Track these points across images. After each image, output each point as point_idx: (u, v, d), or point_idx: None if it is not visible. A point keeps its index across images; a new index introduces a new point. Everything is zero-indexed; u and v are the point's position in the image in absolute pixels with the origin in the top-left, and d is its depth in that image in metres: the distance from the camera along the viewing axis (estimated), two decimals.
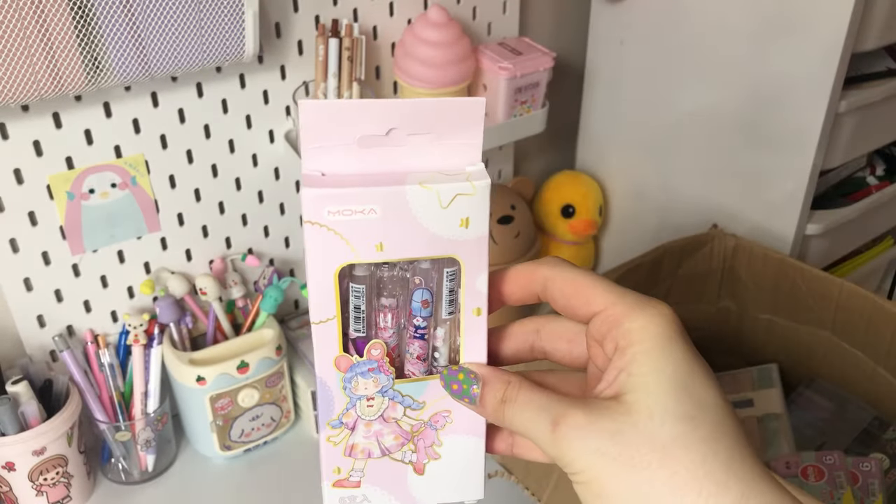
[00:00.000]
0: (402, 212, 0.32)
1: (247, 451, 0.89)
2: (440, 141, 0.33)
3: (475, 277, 0.35)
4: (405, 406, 0.36)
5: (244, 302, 0.90)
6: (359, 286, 0.35)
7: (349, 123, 0.32)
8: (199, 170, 0.84)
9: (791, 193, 0.90)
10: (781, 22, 0.84)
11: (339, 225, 0.32)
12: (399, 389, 0.36)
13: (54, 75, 0.66)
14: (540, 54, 0.92)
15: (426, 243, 0.33)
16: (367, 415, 0.36)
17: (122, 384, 0.82)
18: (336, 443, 0.36)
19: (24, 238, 0.77)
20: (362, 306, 0.35)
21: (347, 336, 0.35)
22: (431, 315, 0.35)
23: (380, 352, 0.35)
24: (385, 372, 0.35)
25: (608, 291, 0.32)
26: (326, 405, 0.35)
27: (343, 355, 0.35)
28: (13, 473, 0.75)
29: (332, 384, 0.35)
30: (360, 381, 0.35)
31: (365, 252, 0.33)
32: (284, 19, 0.82)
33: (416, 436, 0.36)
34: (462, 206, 0.33)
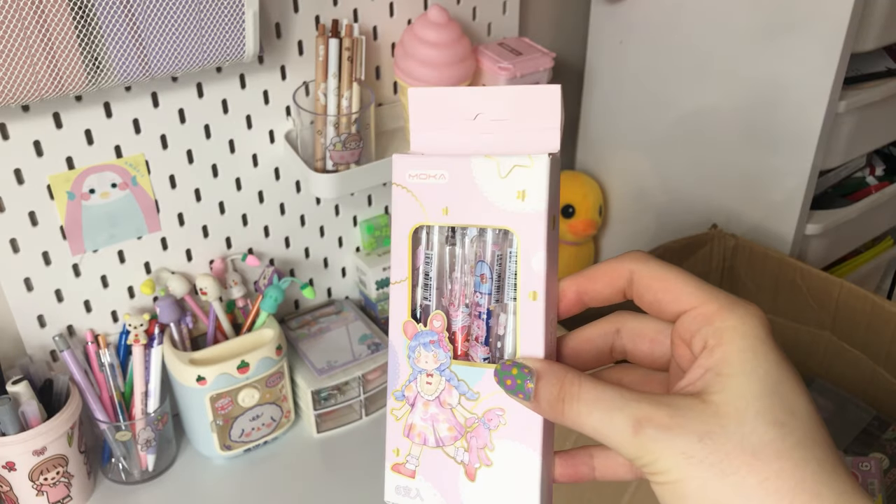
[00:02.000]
0: (465, 178, 0.34)
1: (247, 451, 0.89)
2: (520, 126, 0.35)
3: (531, 256, 0.34)
4: (460, 393, 0.35)
5: (244, 302, 0.90)
6: (430, 252, 0.35)
7: (446, 110, 0.36)
8: (199, 170, 0.84)
9: (791, 193, 0.90)
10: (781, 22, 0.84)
11: (416, 187, 0.35)
12: (455, 371, 0.35)
13: (55, 75, 0.66)
14: (540, 54, 0.92)
15: (484, 211, 0.34)
16: (425, 392, 0.35)
17: (122, 384, 0.82)
18: (398, 417, 0.36)
19: (25, 238, 0.77)
20: (431, 274, 0.36)
21: (420, 306, 0.36)
22: (491, 293, 0.35)
23: (441, 324, 0.35)
24: (444, 347, 0.35)
25: (698, 289, 0.32)
26: (393, 372, 0.36)
27: (410, 321, 0.35)
28: (13, 473, 0.75)
29: (399, 350, 0.36)
30: (422, 352, 0.35)
31: (433, 214, 0.35)
32: (284, 19, 0.82)
33: (469, 431, 0.35)
34: (519, 178, 0.34)
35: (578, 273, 0.35)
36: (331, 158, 0.83)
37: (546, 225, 0.34)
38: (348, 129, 0.82)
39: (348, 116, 0.82)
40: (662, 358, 0.34)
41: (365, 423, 0.93)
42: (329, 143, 0.82)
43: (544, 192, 0.34)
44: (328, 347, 0.93)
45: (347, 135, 0.82)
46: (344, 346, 0.93)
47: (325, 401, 0.90)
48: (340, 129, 0.82)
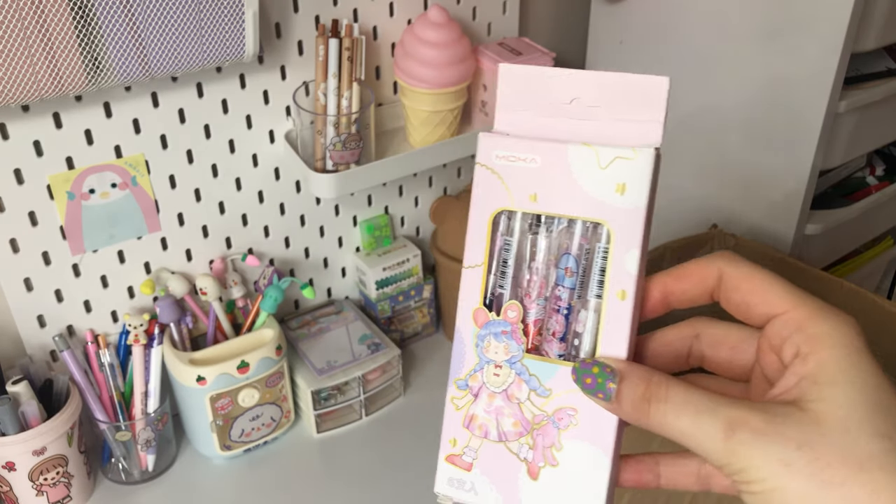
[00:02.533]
0: (560, 165, 0.33)
1: (247, 451, 0.89)
2: (620, 116, 0.33)
3: (624, 253, 0.32)
4: (531, 388, 0.33)
5: (244, 302, 0.90)
6: (511, 239, 0.34)
7: (539, 89, 0.34)
8: (199, 170, 0.84)
9: (791, 193, 0.90)
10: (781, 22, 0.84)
11: (502, 169, 0.33)
12: (527, 365, 0.34)
13: (55, 75, 0.66)
14: (540, 54, 0.92)
15: (577, 202, 0.33)
16: (492, 384, 0.34)
17: (122, 384, 0.82)
18: (458, 406, 0.35)
19: (25, 238, 0.77)
20: (510, 261, 0.34)
21: (493, 293, 0.34)
22: (575, 288, 0.33)
23: (516, 315, 0.34)
24: (517, 340, 0.34)
25: (789, 293, 0.30)
26: (458, 360, 0.35)
27: (482, 308, 0.34)
28: (13, 473, 0.75)
29: (466, 337, 0.34)
30: (492, 342, 0.34)
31: (520, 200, 0.33)
32: (284, 19, 0.82)
33: (536, 429, 0.33)
34: (620, 171, 0.32)
35: (665, 272, 0.34)
36: (331, 158, 0.83)
37: (644, 222, 0.32)
38: (348, 129, 0.82)
39: (348, 116, 0.82)
40: (742, 367, 0.33)
41: (365, 423, 0.93)
42: (329, 143, 0.82)
43: (646, 187, 0.32)
44: (328, 347, 0.93)
45: (347, 135, 0.82)
46: (344, 346, 0.93)
47: (324, 401, 0.90)
48: (340, 129, 0.82)
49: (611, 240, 0.32)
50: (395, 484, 0.85)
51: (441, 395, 0.35)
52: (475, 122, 0.95)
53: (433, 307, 1.06)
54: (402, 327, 1.03)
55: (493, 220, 0.34)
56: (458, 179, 1.06)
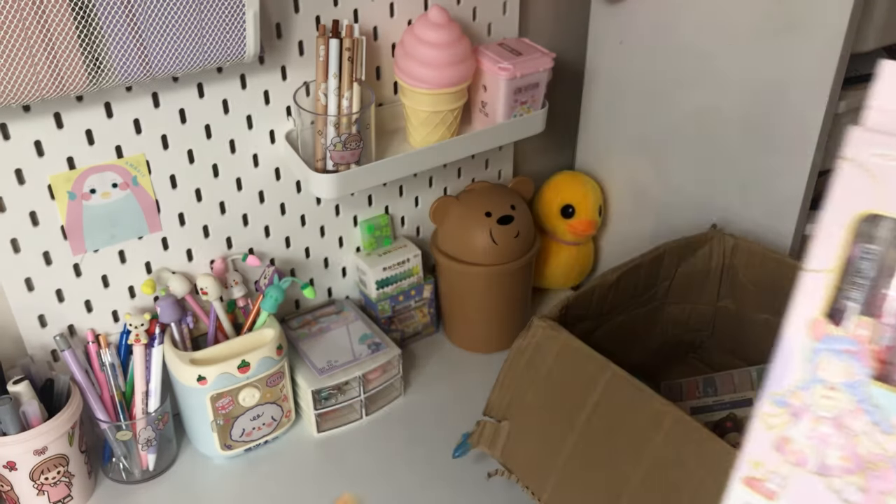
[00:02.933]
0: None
1: (247, 451, 0.89)
2: None
3: None
4: (873, 421, 0.28)
5: (245, 302, 0.90)
6: (874, 248, 0.29)
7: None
8: (200, 170, 0.84)
9: (790, 193, 0.90)
10: (781, 22, 0.84)
11: (879, 169, 0.29)
12: (873, 394, 0.28)
13: (56, 76, 0.66)
14: (540, 55, 0.92)
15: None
16: (820, 408, 0.29)
17: (123, 384, 0.82)
18: (770, 426, 0.30)
19: (26, 238, 0.77)
20: (869, 273, 0.29)
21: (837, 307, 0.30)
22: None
23: (867, 333, 0.29)
24: (865, 362, 0.28)
25: None
26: (779, 372, 0.30)
27: (822, 319, 0.29)
28: (14, 473, 0.75)
29: (796, 349, 0.29)
30: (831, 360, 0.29)
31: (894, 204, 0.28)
32: (285, 20, 0.83)
33: (871, 469, 0.28)
34: None
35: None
36: (331, 158, 0.83)
37: None
38: (349, 130, 0.82)
39: (349, 117, 0.82)
40: None
41: (365, 422, 0.93)
42: (329, 144, 0.82)
43: None
44: (329, 347, 0.93)
45: (348, 135, 0.82)
46: (344, 345, 0.94)
47: (325, 400, 0.90)
48: (341, 130, 0.82)
49: None
50: (396, 483, 0.86)
51: (441, 394, 0.32)
52: (475, 122, 0.95)
53: (433, 307, 1.06)
54: (402, 327, 1.04)
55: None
56: (458, 180, 1.06)
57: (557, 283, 1.15)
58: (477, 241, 0.97)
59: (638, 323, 0.93)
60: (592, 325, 0.86)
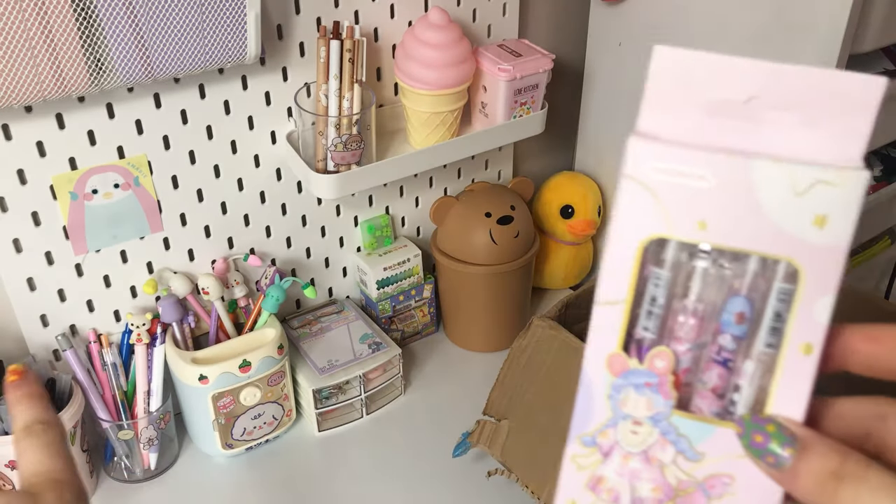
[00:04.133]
0: (740, 187, 0.26)
1: (248, 450, 0.89)
2: (812, 124, 0.27)
3: (815, 300, 0.26)
4: (678, 450, 0.28)
5: (246, 301, 0.90)
6: (662, 272, 0.28)
7: (703, 81, 0.27)
8: (201, 170, 0.85)
9: None
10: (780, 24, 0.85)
11: (661, 186, 0.26)
12: (676, 424, 0.28)
13: (58, 76, 0.66)
14: (539, 56, 0.92)
15: (762, 234, 0.26)
16: (628, 444, 0.28)
17: (124, 383, 0.83)
18: (581, 466, 0.29)
19: (28, 238, 0.77)
20: (660, 300, 0.28)
21: (632, 335, 0.29)
22: (745, 338, 0.28)
23: (665, 364, 0.28)
24: (665, 394, 0.28)
25: None
26: (583, 413, 0.29)
27: (620, 354, 0.28)
28: (17, 472, 0.76)
29: (596, 387, 0.28)
30: (632, 395, 0.28)
31: (682, 227, 0.27)
32: (286, 21, 0.83)
33: (680, 496, 0.28)
34: (821, 199, 0.26)
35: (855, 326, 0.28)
36: (332, 159, 0.84)
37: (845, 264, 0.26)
38: (349, 131, 0.83)
39: (349, 117, 0.82)
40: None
41: (366, 421, 0.94)
42: (330, 144, 0.83)
43: (852, 220, 0.26)
44: (329, 347, 0.93)
45: (348, 136, 0.83)
46: (345, 345, 0.94)
47: (326, 400, 0.90)
48: (341, 131, 0.83)
49: (799, 282, 0.26)
50: (396, 482, 0.86)
51: (441, 393, 0.32)
52: (475, 123, 0.96)
53: (433, 307, 1.06)
54: (402, 326, 1.04)
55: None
56: (458, 180, 1.06)
57: (557, 283, 1.15)
58: (477, 241, 0.97)
59: None
60: None
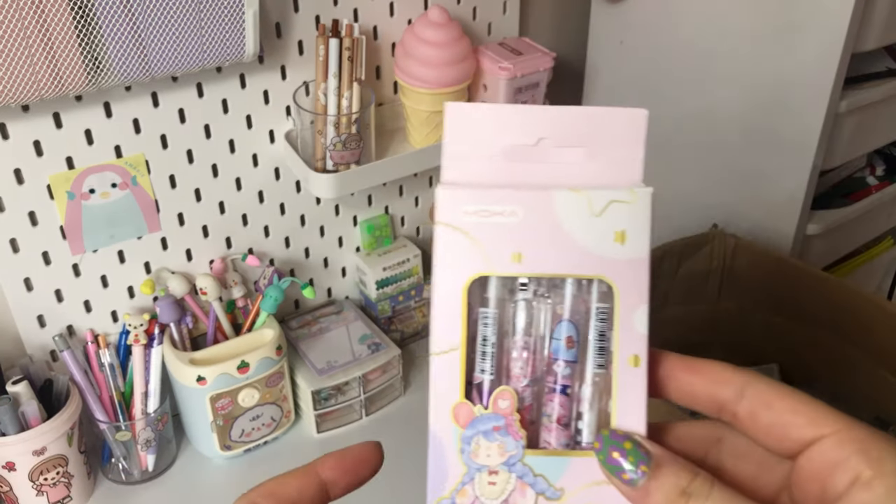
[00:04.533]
0: (545, 216, 0.28)
1: (247, 451, 0.89)
2: (595, 155, 0.29)
3: (632, 311, 0.28)
4: (538, 491, 0.27)
5: (244, 302, 0.90)
6: (490, 311, 0.28)
7: (496, 130, 0.29)
8: (199, 170, 0.84)
9: (791, 193, 0.90)
10: (782, 22, 0.84)
11: (474, 228, 0.28)
12: (531, 465, 0.27)
13: (55, 75, 0.66)
14: (540, 54, 0.92)
15: (571, 257, 0.28)
16: (487, 496, 0.27)
17: (122, 384, 0.82)
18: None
19: (25, 238, 0.77)
20: (492, 338, 0.28)
21: (471, 383, 0.28)
22: (577, 362, 0.28)
23: (509, 404, 0.28)
24: (514, 435, 0.28)
25: (835, 412, 0.27)
26: (438, 475, 0.28)
27: (464, 402, 0.28)
28: (13, 473, 0.75)
29: (447, 443, 0.28)
30: (483, 443, 0.28)
31: (500, 262, 0.28)
32: (285, 19, 0.82)
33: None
34: (618, 217, 0.28)
35: (676, 355, 0.29)
36: (331, 158, 0.83)
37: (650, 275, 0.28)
38: (348, 129, 0.82)
39: (348, 116, 0.82)
40: (767, 488, 0.28)
41: (365, 423, 0.93)
42: (329, 143, 0.82)
43: (647, 232, 0.29)
44: (328, 347, 0.93)
45: (348, 135, 0.82)
46: (344, 346, 0.93)
47: (325, 401, 0.90)
48: (341, 129, 0.82)
49: (615, 297, 0.28)
50: (396, 484, 0.85)
51: None
52: None
53: None
54: (402, 327, 1.03)
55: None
56: None
57: None
58: None
59: None
60: None
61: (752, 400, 0.27)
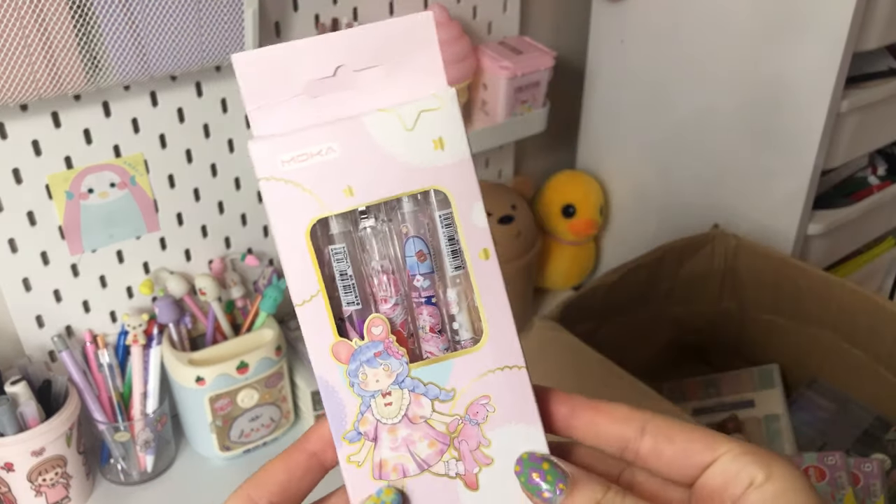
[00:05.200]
0: (363, 144, 0.28)
1: (246, 452, 0.88)
2: (394, 71, 0.30)
3: (469, 210, 0.29)
4: (431, 398, 0.29)
5: (243, 302, 0.90)
6: (338, 246, 0.29)
7: (291, 70, 0.29)
8: (198, 169, 0.84)
9: (792, 193, 0.90)
10: (783, 21, 0.84)
11: (297, 174, 0.28)
12: (418, 376, 0.29)
13: (53, 75, 0.66)
14: (540, 53, 0.92)
15: (400, 176, 0.29)
16: (387, 417, 0.29)
17: (121, 384, 0.82)
18: (359, 463, 0.30)
19: (23, 238, 0.77)
20: (349, 271, 0.29)
21: (343, 319, 0.30)
22: (433, 272, 0.30)
23: (382, 329, 0.29)
24: (395, 355, 0.29)
25: (729, 438, 0.29)
26: (336, 413, 0.29)
27: (341, 341, 0.29)
28: (12, 474, 0.75)
29: (335, 382, 0.29)
30: (369, 371, 0.29)
31: (333, 201, 0.28)
32: (284, 18, 0.82)
33: (455, 437, 0.30)
34: (431, 125, 0.29)
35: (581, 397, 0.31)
36: None
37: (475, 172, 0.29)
38: None
39: None
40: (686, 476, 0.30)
41: None
42: None
43: (463, 133, 0.29)
44: None
45: None
46: None
47: None
48: None
49: (451, 202, 0.29)
50: None
51: None
52: (476, 121, 0.95)
53: None
54: None
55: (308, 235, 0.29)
56: None
57: (558, 284, 1.14)
58: None
59: (639, 324, 0.93)
60: (594, 325, 0.86)
61: (653, 436, 0.29)
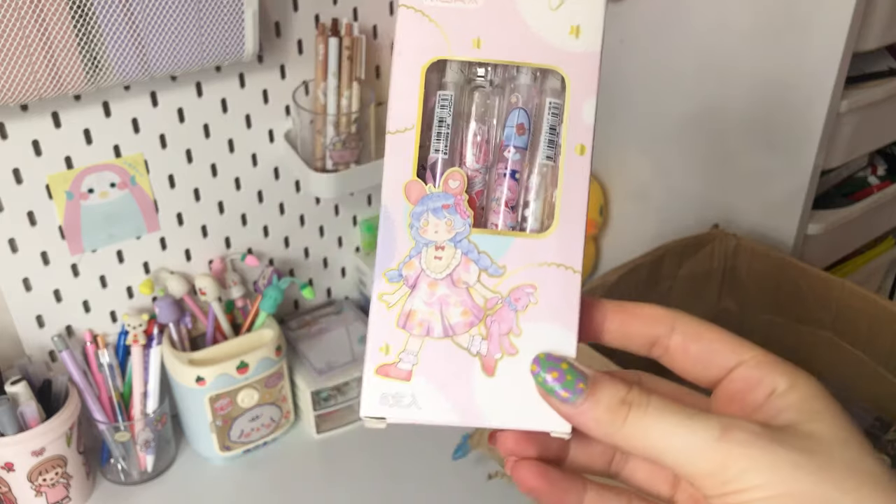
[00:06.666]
0: (506, 5, 0.29)
1: (246, 452, 0.88)
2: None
3: (581, 102, 0.29)
4: (481, 268, 0.29)
5: (243, 302, 0.90)
6: (447, 93, 0.29)
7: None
8: (198, 169, 0.84)
9: (792, 193, 0.90)
10: (782, 21, 0.84)
11: (436, 12, 0.29)
12: (476, 242, 0.29)
13: (53, 75, 0.66)
14: None
15: (528, 46, 0.29)
16: (432, 269, 0.29)
17: (121, 384, 0.82)
18: (390, 304, 0.29)
19: (23, 238, 0.77)
20: (448, 119, 0.29)
21: (426, 167, 0.30)
22: (527, 149, 0.30)
23: (459, 184, 0.29)
24: (461, 213, 0.29)
25: (753, 344, 0.29)
26: (387, 248, 0.29)
27: (416, 181, 0.29)
28: (12, 474, 0.75)
29: (397, 218, 0.29)
30: (431, 219, 0.29)
31: (460, 47, 0.29)
32: (284, 18, 0.82)
33: (489, 314, 0.29)
34: (573, 12, 0.29)
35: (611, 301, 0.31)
36: (331, 158, 0.83)
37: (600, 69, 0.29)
38: (348, 129, 0.82)
39: (348, 116, 0.82)
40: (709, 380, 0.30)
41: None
42: (329, 143, 0.82)
43: (601, 28, 0.30)
44: (328, 348, 0.93)
45: (347, 134, 0.82)
46: (343, 346, 0.93)
47: (324, 401, 0.90)
48: (340, 129, 0.82)
49: (566, 89, 0.29)
50: (396, 485, 0.85)
51: None
52: None
53: None
54: None
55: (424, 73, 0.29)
56: None
57: None
58: None
59: None
60: None
61: (682, 334, 0.30)
